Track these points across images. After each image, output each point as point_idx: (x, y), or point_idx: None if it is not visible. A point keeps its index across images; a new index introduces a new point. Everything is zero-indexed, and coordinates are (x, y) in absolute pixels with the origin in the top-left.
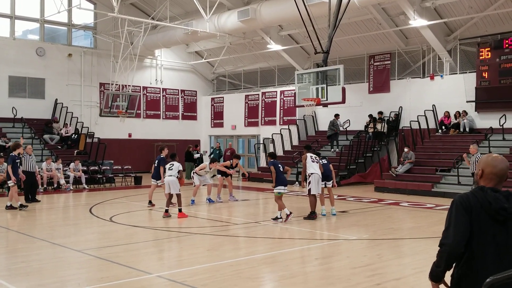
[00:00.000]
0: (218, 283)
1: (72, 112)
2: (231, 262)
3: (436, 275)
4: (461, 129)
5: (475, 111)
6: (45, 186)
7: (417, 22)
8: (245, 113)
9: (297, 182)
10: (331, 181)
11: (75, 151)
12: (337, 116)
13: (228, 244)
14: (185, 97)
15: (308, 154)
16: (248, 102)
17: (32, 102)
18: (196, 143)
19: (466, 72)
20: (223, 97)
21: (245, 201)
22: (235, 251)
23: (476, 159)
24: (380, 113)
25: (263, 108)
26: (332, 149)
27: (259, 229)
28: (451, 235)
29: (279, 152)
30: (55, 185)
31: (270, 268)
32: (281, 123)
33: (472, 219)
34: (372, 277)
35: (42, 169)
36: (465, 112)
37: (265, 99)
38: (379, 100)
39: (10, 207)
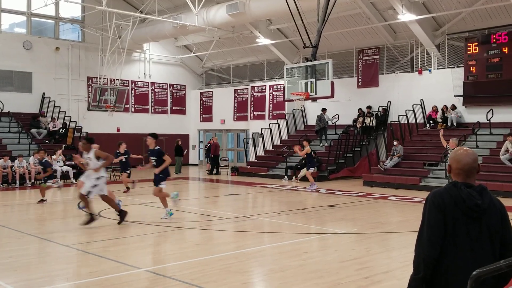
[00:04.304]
0: (208, 277)
1: (60, 106)
2: (220, 256)
3: (415, 286)
4: (449, 124)
5: (463, 105)
6: (32, 180)
7: (405, 16)
8: (234, 107)
9: (286, 177)
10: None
11: (63, 145)
12: (324, 110)
13: (217, 238)
14: (174, 91)
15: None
16: (237, 96)
17: (19, 96)
18: (178, 138)
19: (454, 67)
20: (212, 91)
21: (234, 195)
22: (224, 246)
23: None
24: (369, 107)
25: (252, 103)
26: (321, 144)
27: (248, 223)
28: (425, 237)
29: (268, 147)
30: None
31: (259, 262)
32: (270, 118)
33: (446, 217)
34: (361, 271)
35: (29, 163)
36: (454, 106)
37: (254, 94)
38: (368, 94)
39: None
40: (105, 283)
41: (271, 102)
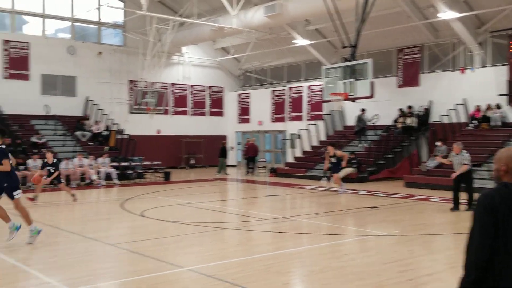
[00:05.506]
0: (248, 277)
1: (103, 109)
2: (260, 257)
3: None
4: (492, 123)
5: (508, 104)
6: (78, 181)
7: (446, 14)
8: (271, 108)
9: (324, 178)
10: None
11: (106, 147)
12: (363, 111)
13: (256, 239)
14: (212, 93)
15: None
16: (275, 97)
17: (64, 99)
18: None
19: (497, 65)
20: (249, 93)
21: (273, 196)
22: (264, 246)
23: (462, 159)
24: (410, 107)
25: (290, 104)
26: (360, 144)
27: (287, 224)
28: (475, 240)
29: (306, 147)
30: (87, 181)
31: (299, 263)
32: (308, 119)
33: (498, 219)
34: (404, 273)
35: (73, 164)
36: (498, 106)
37: (292, 95)
38: (408, 94)
39: None
40: (148, 281)
41: (309, 103)
